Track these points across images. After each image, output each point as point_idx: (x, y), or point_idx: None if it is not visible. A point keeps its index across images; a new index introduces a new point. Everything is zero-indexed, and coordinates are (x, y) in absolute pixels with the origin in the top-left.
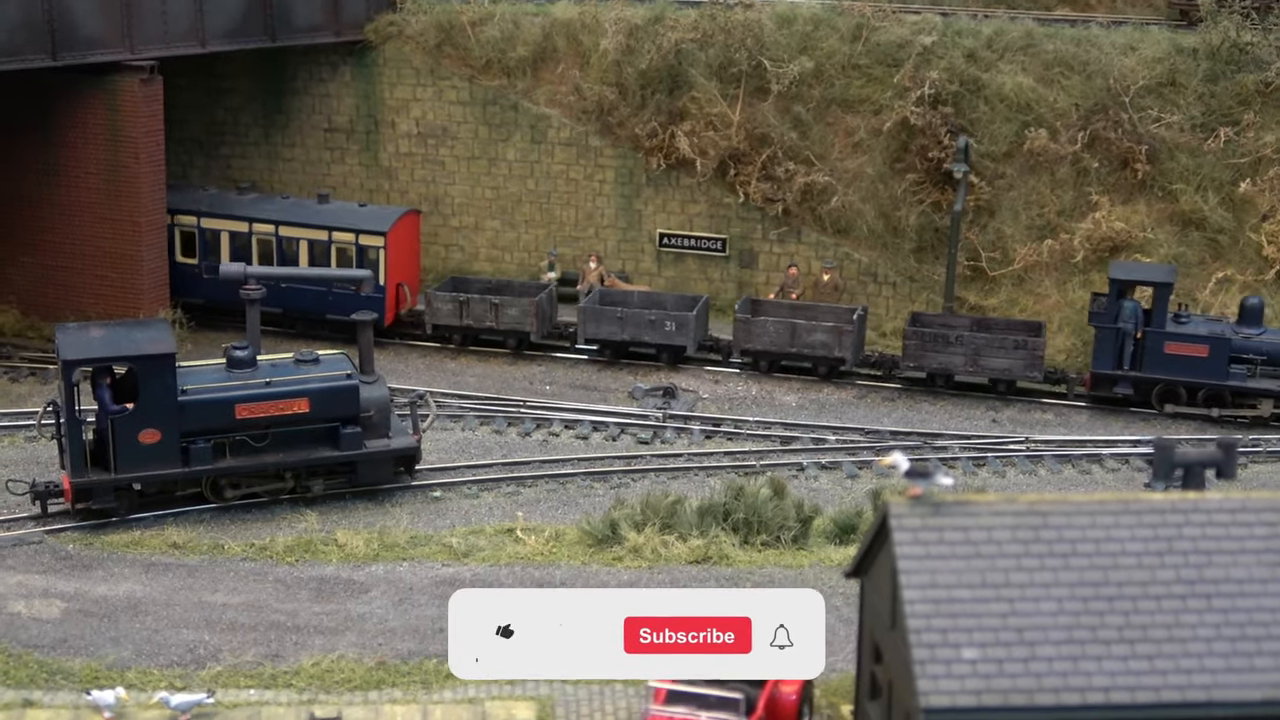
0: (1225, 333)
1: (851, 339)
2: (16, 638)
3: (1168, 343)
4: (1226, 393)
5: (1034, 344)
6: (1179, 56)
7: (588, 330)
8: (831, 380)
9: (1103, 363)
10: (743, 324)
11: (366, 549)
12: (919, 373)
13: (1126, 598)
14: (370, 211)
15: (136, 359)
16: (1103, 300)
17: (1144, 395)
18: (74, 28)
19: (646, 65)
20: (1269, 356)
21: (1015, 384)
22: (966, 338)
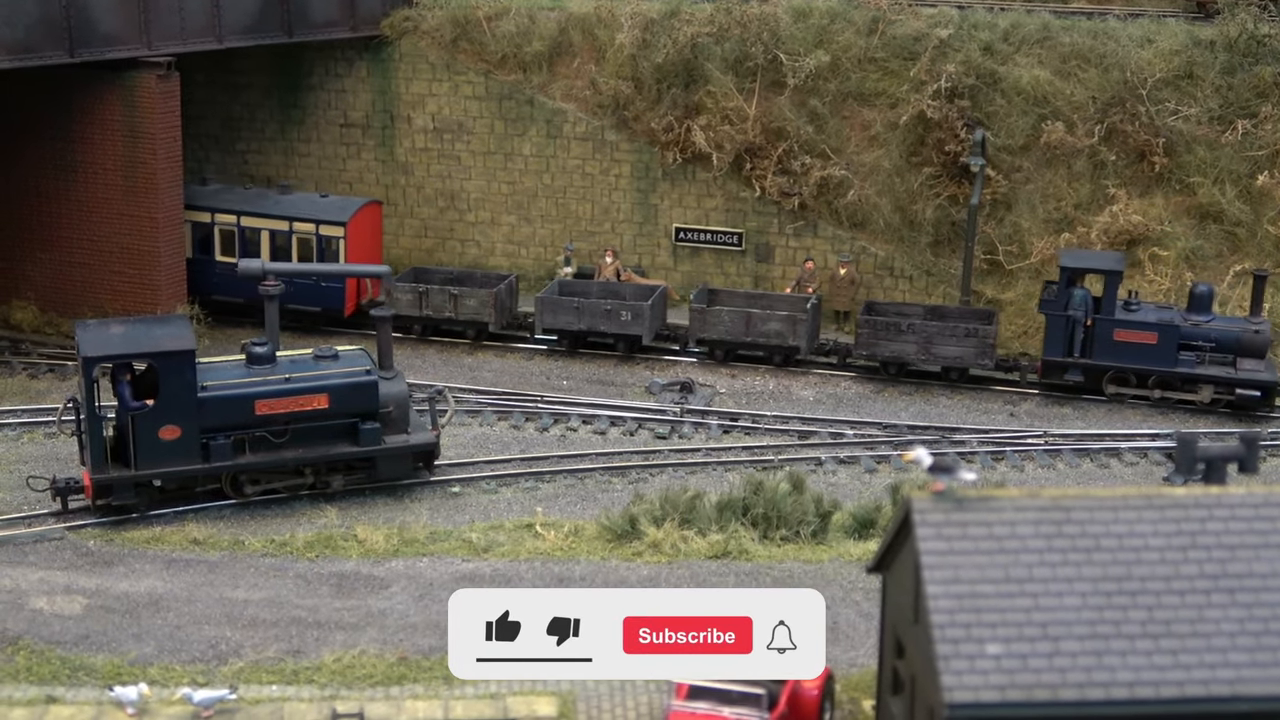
0: (1174, 320)
1: (806, 328)
2: (39, 634)
3: (1117, 330)
4: (1176, 379)
5: (985, 332)
6: (1196, 49)
7: (545, 321)
8: (841, 374)
9: (1053, 350)
10: (698, 313)
11: (386, 544)
12: (872, 361)
13: (1150, 593)
14: (331, 202)
15: (156, 355)
16: (1054, 288)
17: (1095, 382)
18: (91, 24)
19: (662, 59)
20: (1217, 343)
21: (968, 372)
22: (918, 326)
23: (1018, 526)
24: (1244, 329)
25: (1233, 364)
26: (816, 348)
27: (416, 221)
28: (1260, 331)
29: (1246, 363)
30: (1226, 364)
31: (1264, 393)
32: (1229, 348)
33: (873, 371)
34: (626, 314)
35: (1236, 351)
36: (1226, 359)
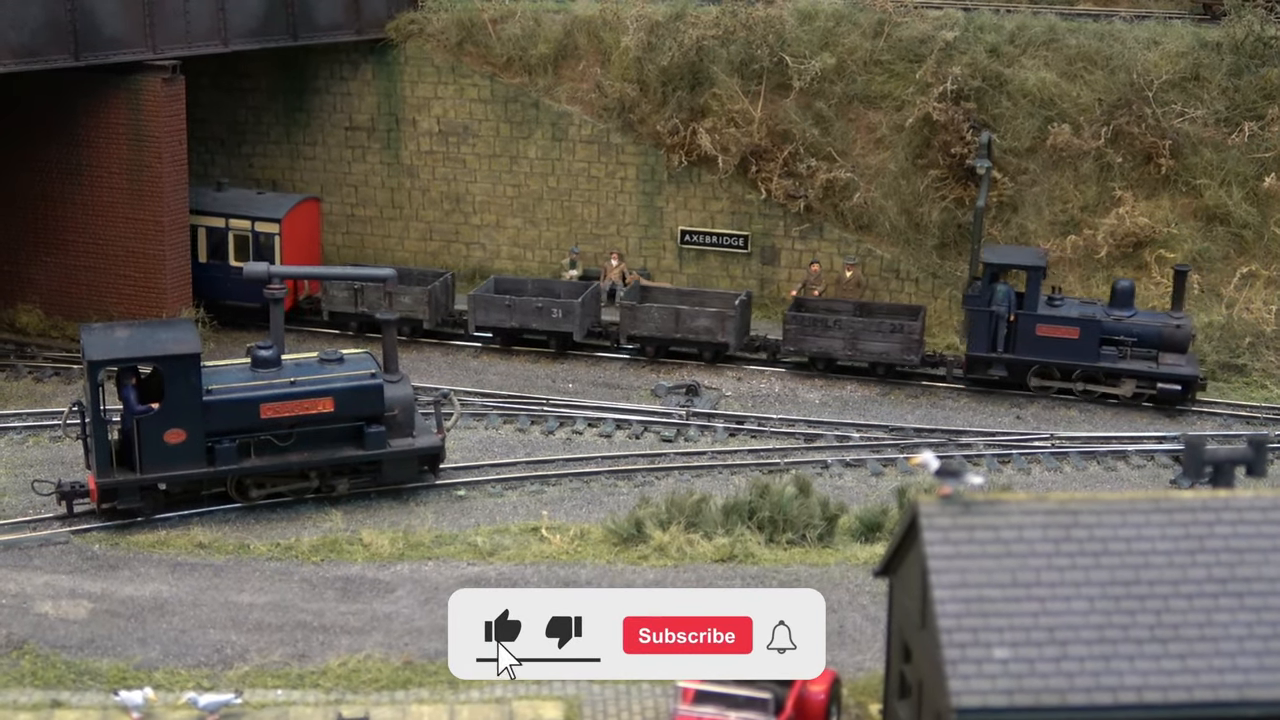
0: (1096, 315)
1: (734, 324)
2: (44, 638)
3: (1039, 325)
4: (1099, 374)
5: (910, 328)
6: (1202, 51)
7: (478, 318)
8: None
9: (977, 345)
10: (629, 310)
11: (392, 548)
12: (800, 357)
13: (1158, 596)
14: (267, 198)
15: (162, 359)
16: (977, 284)
17: (1018, 377)
18: (96, 28)
19: (668, 62)
20: (1139, 338)
21: (895, 368)
22: (845, 322)
23: (1025, 530)
24: (1165, 324)
25: (1155, 359)
26: (746, 344)
27: (422, 225)
28: (1181, 326)
29: (1168, 357)
30: (1149, 359)
31: (1185, 387)
32: (1151, 342)
33: (802, 368)
34: (557, 311)
35: (1158, 346)
36: (1149, 354)
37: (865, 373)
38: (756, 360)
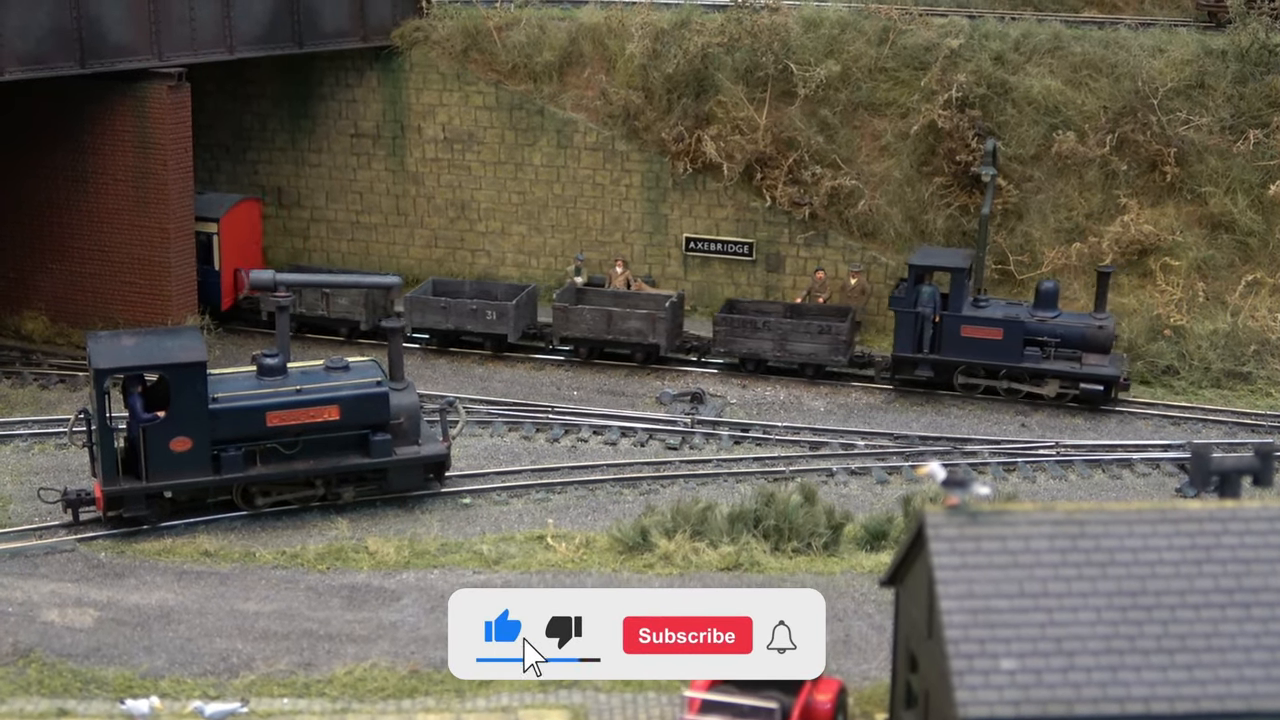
0: (1019, 316)
1: (665, 326)
2: (50, 646)
3: (964, 326)
4: (1024, 374)
5: (838, 329)
6: (1207, 58)
7: (415, 320)
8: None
9: (903, 346)
10: (561, 312)
11: (398, 556)
12: (731, 358)
13: (1164, 607)
14: (206, 199)
15: (168, 367)
16: (904, 286)
17: (945, 377)
18: (102, 35)
19: (673, 69)
20: (1063, 339)
21: (824, 368)
22: (774, 323)
23: (1032, 541)
24: (1088, 325)
25: (1078, 359)
26: (678, 345)
27: (427, 232)
28: (1104, 327)
29: (1091, 358)
30: (1072, 359)
31: (1106, 387)
32: (1074, 343)
33: (733, 368)
34: (492, 313)
35: (1081, 347)
36: (1073, 354)
37: (795, 373)
38: (687, 361)
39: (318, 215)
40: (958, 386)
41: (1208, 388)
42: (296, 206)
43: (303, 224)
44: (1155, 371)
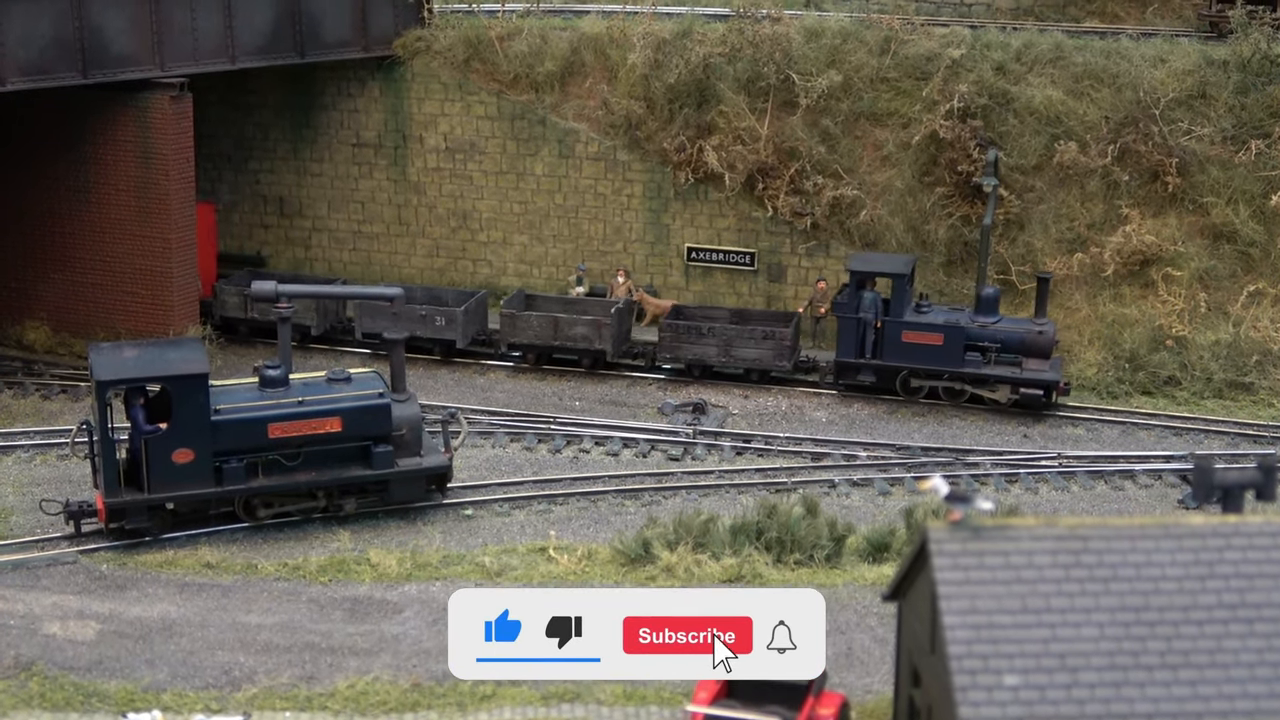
0: (960, 321)
1: (610, 332)
2: (52, 659)
3: (905, 331)
4: (964, 379)
5: (782, 334)
6: (1209, 69)
7: (364, 325)
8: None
9: (845, 351)
10: (508, 318)
11: (399, 568)
12: (677, 364)
13: (1168, 623)
14: None
15: (170, 379)
16: (846, 291)
17: (887, 382)
18: (105, 46)
19: (674, 79)
20: (1003, 344)
21: (769, 373)
22: (718, 329)
23: (1035, 556)
24: (1028, 330)
25: (1019, 364)
26: (625, 351)
27: (429, 241)
28: (1043, 332)
29: (1031, 363)
30: (1013, 364)
31: (1046, 392)
32: (1014, 348)
33: (679, 374)
34: (441, 319)
35: (1021, 352)
36: (1013, 359)
37: (741, 378)
38: (634, 367)
39: (319, 225)
40: (901, 391)
41: (1210, 398)
42: (298, 216)
43: (304, 234)
44: (1157, 382)
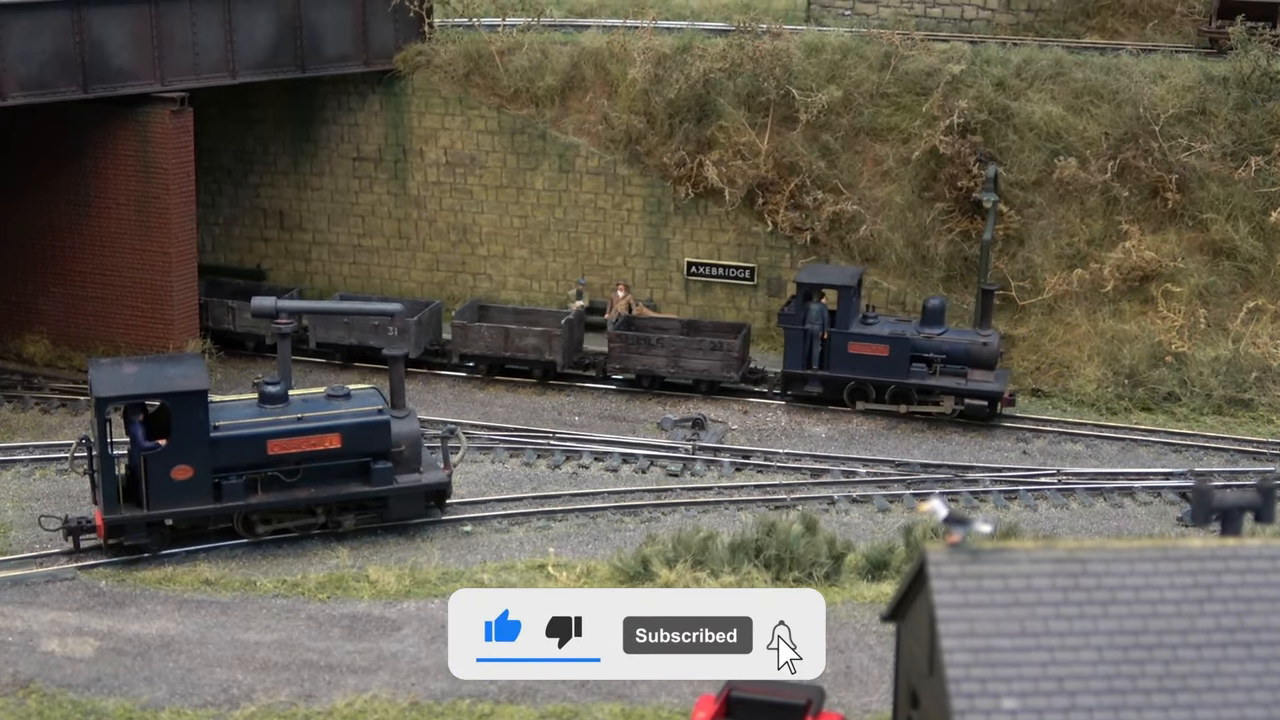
0: (906, 333)
1: (561, 343)
2: (50, 677)
3: (851, 343)
4: (911, 390)
5: (729, 345)
6: (1209, 85)
7: (318, 335)
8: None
9: (793, 363)
10: (460, 329)
11: (398, 585)
12: (627, 374)
13: (1166, 646)
14: None
15: (170, 396)
16: (794, 303)
17: (834, 393)
18: (105, 61)
19: (675, 94)
20: (949, 355)
21: (719, 384)
22: (667, 340)
23: (1033, 579)
24: (973, 341)
25: (964, 375)
26: (576, 361)
27: (429, 255)
28: (988, 344)
29: (977, 373)
30: (958, 375)
31: (991, 403)
32: (960, 359)
33: (631, 384)
34: (393, 329)
35: (967, 363)
36: (959, 370)
37: (690, 389)
38: (585, 378)
39: (319, 239)
40: (848, 403)
41: (1209, 415)
42: (298, 230)
43: (304, 247)
44: (1157, 398)
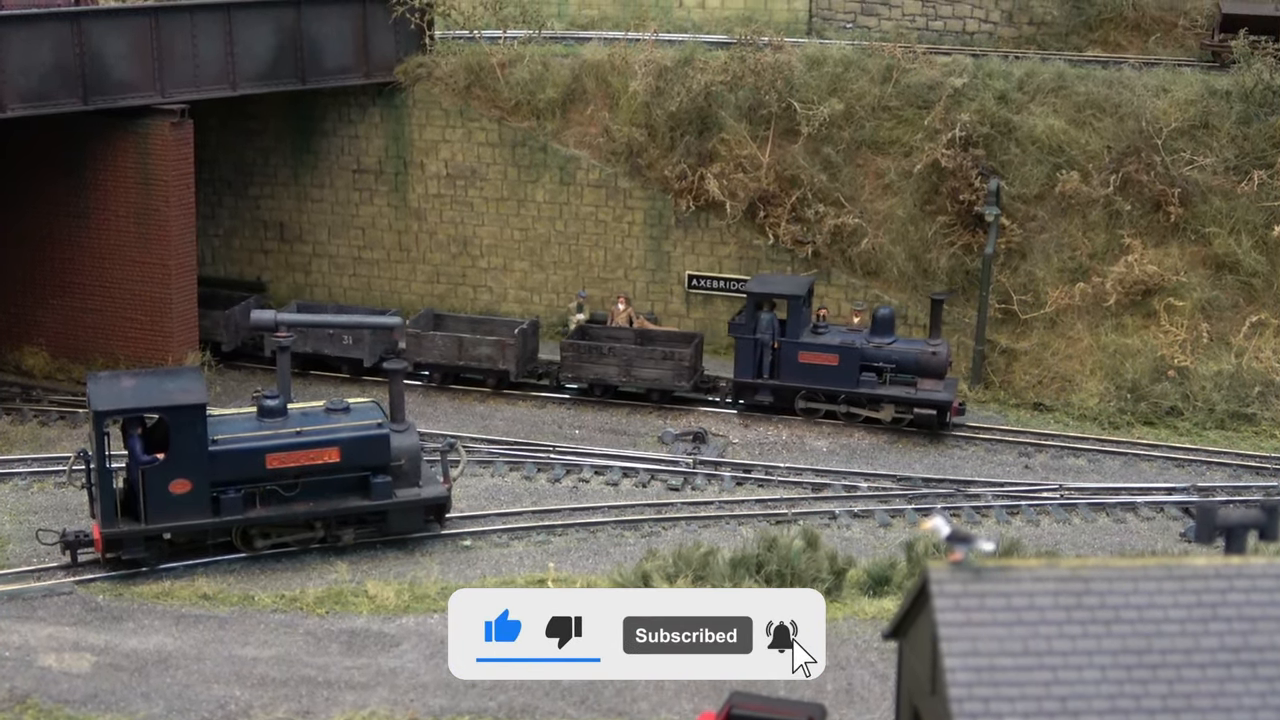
0: (856, 342)
1: (514, 352)
2: (47, 692)
3: (801, 352)
4: (862, 399)
5: (681, 355)
6: (1211, 99)
7: (272, 344)
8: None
9: (744, 371)
10: (414, 338)
11: (397, 600)
12: (580, 383)
13: (1171, 665)
14: None
15: (168, 409)
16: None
17: (785, 402)
18: (106, 73)
19: (676, 107)
20: (898, 365)
21: (670, 393)
22: (619, 349)
23: (1036, 598)
24: (922, 351)
25: (913, 384)
26: (530, 371)
27: (429, 267)
28: (937, 353)
29: (926, 383)
30: (908, 384)
31: (940, 412)
32: (909, 369)
33: (582, 394)
34: (348, 338)
35: (916, 372)
36: (908, 379)
37: (642, 398)
38: (539, 387)
39: (320, 250)
40: (798, 411)
41: (1212, 429)
42: (299, 242)
43: (305, 259)
44: (1159, 413)
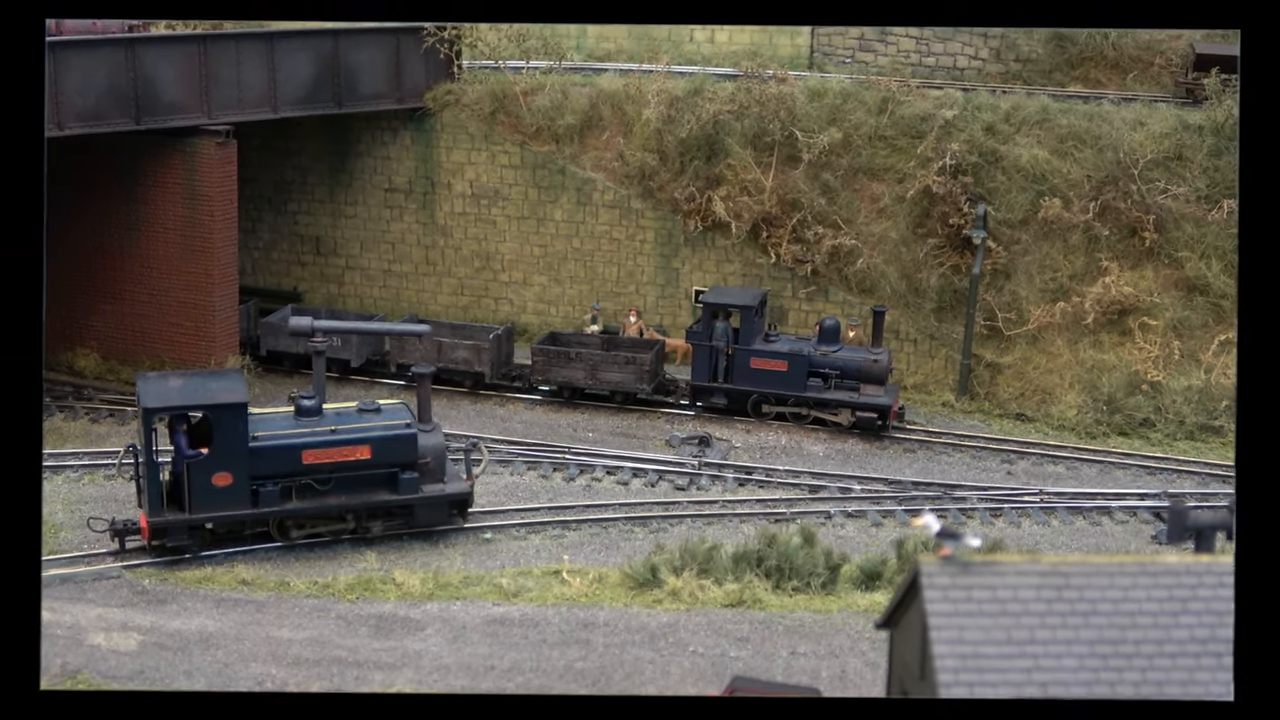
0: (804, 350)
1: (490, 356)
2: (96, 669)
3: (753, 359)
4: (809, 403)
5: (642, 360)
6: (1185, 132)
7: (268, 344)
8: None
9: (699, 376)
10: (396, 341)
11: (422, 588)
12: (550, 385)
13: (1144, 655)
14: None
15: (212, 407)
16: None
17: (739, 404)
18: (156, 95)
19: (686, 134)
20: (843, 371)
21: (634, 395)
22: (585, 354)
23: (1019, 590)
24: (865, 359)
25: (857, 389)
26: (504, 374)
27: (454, 280)
28: (878, 361)
29: (868, 388)
30: (851, 389)
31: (881, 415)
32: (853, 375)
33: (553, 395)
34: (336, 340)
35: (859, 378)
36: (852, 385)
37: (607, 399)
38: (513, 389)
39: (352, 263)
40: (751, 413)
41: (1182, 440)
42: (333, 255)
43: (338, 271)
44: (1133, 424)
